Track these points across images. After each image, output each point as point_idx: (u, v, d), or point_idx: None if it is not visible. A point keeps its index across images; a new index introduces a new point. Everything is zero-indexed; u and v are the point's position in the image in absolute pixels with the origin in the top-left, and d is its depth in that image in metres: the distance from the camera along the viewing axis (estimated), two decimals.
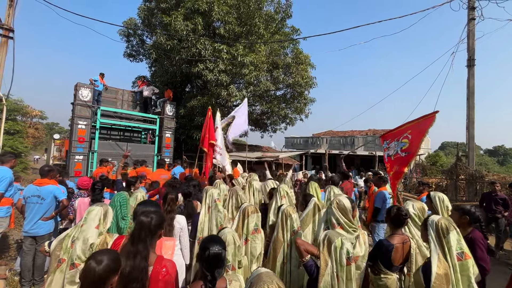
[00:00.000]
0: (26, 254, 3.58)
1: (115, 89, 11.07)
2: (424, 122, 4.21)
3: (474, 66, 9.22)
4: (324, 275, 1.68)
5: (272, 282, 1.13)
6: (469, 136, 9.17)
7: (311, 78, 14.86)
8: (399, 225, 2.26)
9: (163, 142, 11.08)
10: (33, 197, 3.54)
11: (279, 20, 14.21)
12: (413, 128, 4.32)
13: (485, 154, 49.26)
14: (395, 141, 4.47)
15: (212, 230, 2.87)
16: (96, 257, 1.32)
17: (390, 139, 4.59)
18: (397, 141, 4.41)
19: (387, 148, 4.53)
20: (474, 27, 9.34)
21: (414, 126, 4.33)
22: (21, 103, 18.46)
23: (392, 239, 2.20)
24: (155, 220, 1.70)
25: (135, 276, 1.51)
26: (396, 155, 4.30)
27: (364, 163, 18.64)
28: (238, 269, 1.87)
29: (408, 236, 2.28)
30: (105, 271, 1.29)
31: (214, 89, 12.38)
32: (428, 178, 12.43)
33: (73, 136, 9.00)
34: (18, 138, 15.41)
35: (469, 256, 1.70)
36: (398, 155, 4.28)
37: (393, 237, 2.22)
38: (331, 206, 2.18)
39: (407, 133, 4.33)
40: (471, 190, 8.42)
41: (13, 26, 6.91)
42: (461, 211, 2.39)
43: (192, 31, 11.57)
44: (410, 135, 4.29)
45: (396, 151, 4.33)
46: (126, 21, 15.52)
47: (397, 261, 2.16)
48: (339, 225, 2.10)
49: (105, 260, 1.31)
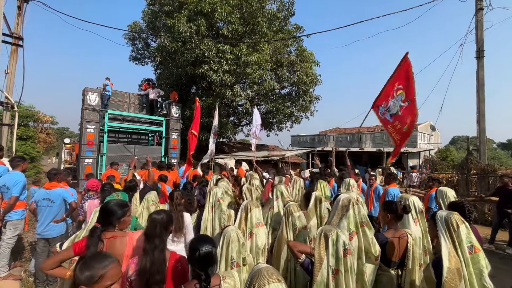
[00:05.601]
0: (39, 256, 3.70)
1: (122, 93, 11.25)
2: (403, 69, 4.34)
3: (484, 58, 8.99)
4: (321, 270, 1.69)
5: (272, 276, 1.14)
6: (480, 129, 8.94)
7: (316, 75, 14.76)
8: (397, 219, 2.26)
9: (170, 143, 11.21)
10: (43, 200, 3.66)
11: (282, 19, 14.16)
12: (398, 78, 4.43)
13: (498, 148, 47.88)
14: (390, 99, 4.55)
15: (215, 229, 2.90)
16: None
17: (384, 102, 4.68)
18: (394, 98, 4.49)
19: (387, 110, 4.60)
20: (483, 17, 9.10)
21: (397, 77, 4.44)
22: (32, 109, 18.93)
23: (387, 233, 2.20)
24: (166, 217, 1.84)
25: (156, 269, 1.60)
26: (402, 108, 4.36)
27: (373, 159, 18.40)
28: (243, 266, 1.88)
29: (406, 231, 2.25)
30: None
31: (218, 89, 12.44)
32: (439, 174, 12.18)
33: (82, 140, 9.21)
34: (31, 144, 15.83)
35: (479, 249, 1.68)
36: (403, 107, 4.34)
37: (389, 232, 2.22)
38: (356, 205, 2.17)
39: (396, 86, 4.44)
40: (483, 185, 8.21)
41: (22, 34, 7.12)
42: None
43: (196, 32, 11.66)
44: (400, 85, 4.38)
45: (399, 105, 4.39)
46: (130, 25, 15.74)
47: (394, 256, 2.13)
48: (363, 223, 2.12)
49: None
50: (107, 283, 1.17)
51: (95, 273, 1.15)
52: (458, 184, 9.07)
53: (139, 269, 1.61)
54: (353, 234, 2.06)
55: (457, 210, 1.99)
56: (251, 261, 2.11)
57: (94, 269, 1.16)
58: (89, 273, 1.15)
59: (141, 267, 1.60)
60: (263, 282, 1.12)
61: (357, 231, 2.07)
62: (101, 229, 1.91)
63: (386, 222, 2.32)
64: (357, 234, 2.06)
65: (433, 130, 20.75)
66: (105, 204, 2.01)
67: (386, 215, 2.29)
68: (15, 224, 3.86)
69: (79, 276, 1.15)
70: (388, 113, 4.62)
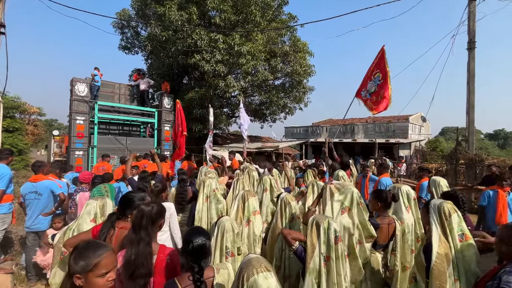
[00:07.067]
0: (30, 249, 3.64)
1: (112, 83, 10.94)
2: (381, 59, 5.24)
3: (475, 49, 9.05)
4: (313, 257, 1.74)
5: (261, 266, 1.14)
6: (469, 120, 9.10)
7: (310, 66, 14.67)
8: (386, 207, 2.41)
9: (162, 135, 11.06)
10: (30, 193, 3.59)
11: (276, 7, 13.90)
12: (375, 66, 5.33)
13: (485, 138, 49.17)
14: (369, 82, 5.44)
15: (212, 219, 2.90)
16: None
17: (364, 87, 5.55)
18: (371, 80, 5.39)
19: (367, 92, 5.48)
20: (475, 8, 9.11)
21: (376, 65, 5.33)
22: (18, 100, 18.28)
23: (378, 219, 2.36)
24: (155, 210, 1.76)
25: (141, 262, 1.56)
26: (378, 85, 5.25)
27: (365, 150, 18.67)
28: (238, 255, 1.89)
29: (394, 218, 2.42)
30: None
31: (211, 80, 12.25)
32: (428, 164, 12.46)
33: (72, 132, 8.98)
34: (18, 136, 15.37)
35: (469, 237, 1.73)
36: (379, 84, 5.23)
37: (380, 218, 2.38)
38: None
39: (375, 72, 5.34)
40: (470, 174, 8.42)
41: (4, 21, 6.77)
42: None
43: (187, 21, 11.35)
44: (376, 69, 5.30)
45: (375, 83, 5.29)
46: (119, 12, 15.16)
47: (382, 240, 2.34)
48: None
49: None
50: (101, 271, 1.16)
51: (89, 262, 1.14)
52: (447, 174, 9.30)
53: (124, 261, 1.58)
54: (346, 209, 2.15)
55: (451, 199, 2.05)
56: (245, 250, 2.13)
57: (88, 258, 1.15)
58: (83, 262, 1.13)
59: (126, 259, 1.57)
60: (252, 272, 1.12)
61: (351, 207, 2.16)
62: (117, 216, 1.96)
63: (376, 210, 2.44)
64: (349, 211, 2.15)
65: (424, 121, 21.13)
66: (125, 194, 2.10)
67: (376, 203, 2.42)
68: (3, 218, 3.76)
69: (73, 266, 1.13)
70: (368, 93, 5.48)
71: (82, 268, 1.13)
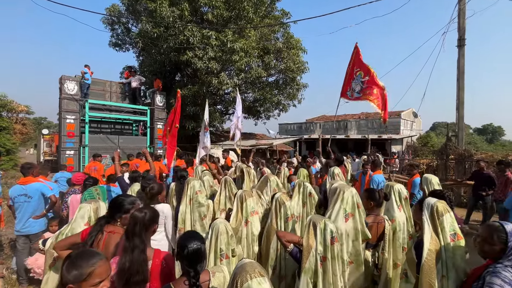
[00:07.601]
0: (21, 253, 3.57)
1: (103, 81, 10.72)
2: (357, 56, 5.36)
3: (465, 46, 9.20)
4: (309, 257, 1.76)
5: (255, 271, 1.14)
6: (459, 116, 9.28)
7: (303, 63, 14.67)
8: (378, 206, 2.43)
9: (155, 133, 10.93)
10: (20, 196, 3.50)
11: (268, 3, 13.80)
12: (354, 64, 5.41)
13: (474, 133, 50.26)
14: (352, 82, 5.43)
15: (195, 221, 2.91)
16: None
17: (348, 86, 5.54)
18: (354, 79, 5.39)
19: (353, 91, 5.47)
20: (465, 6, 9.24)
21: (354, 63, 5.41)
22: (4, 98, 17.77)
23: (368, 219, 2.36)
24: (148, 215, 1.74)
25: (136, 269, 1.54)
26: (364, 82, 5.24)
27: (358, 146, 18.86)
28: (232, 257, 1.90)
29: (384, 217, 2.43)
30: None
31: (204, 77, 12.13)
32: (420, 159, 12.68)
33: (62, 131, 8.80)
34: (5, 135, 14.98)
35: (461, 237, 1.78)
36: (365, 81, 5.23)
37: (370, 217, 2.38)
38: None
39: (355, 70, 5.38)
40: (460, 169, 8.62)
41: None
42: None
43: (179, 17, 11.17)
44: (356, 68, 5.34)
45: (361, 81, 5.29)
46: (109, 8, 14.80)
47: (372, 239, 2.33)
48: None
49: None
50: (95, 280, 1.14)
51: (83, 271, 1.12)
52: (438, 169, 9.49)
53: (118, 268, 1.56)
54: (349, 215, 2.15)
55: (438, 198, 2.08)
56: (240, 252, 2.13)
57: (81, 267, 1.12)
58: (76, 271, 1.11)
59: (120, 267, 1.54)
60: (245, 278, 1.12)
61: (354, 212, 2.16)
62: (106, 220, 1.91)
63: (367, 208, 2.44)
64: (353, 216, 2.15)
65: (416, 117, 21.42)
66: (115, 198, 2.04)
67: (368, 203, 2.43)
68: None
69: (66, 275, 1.11)
70: (355, 92, 5.43)
71: (76, 277, 1.11)
